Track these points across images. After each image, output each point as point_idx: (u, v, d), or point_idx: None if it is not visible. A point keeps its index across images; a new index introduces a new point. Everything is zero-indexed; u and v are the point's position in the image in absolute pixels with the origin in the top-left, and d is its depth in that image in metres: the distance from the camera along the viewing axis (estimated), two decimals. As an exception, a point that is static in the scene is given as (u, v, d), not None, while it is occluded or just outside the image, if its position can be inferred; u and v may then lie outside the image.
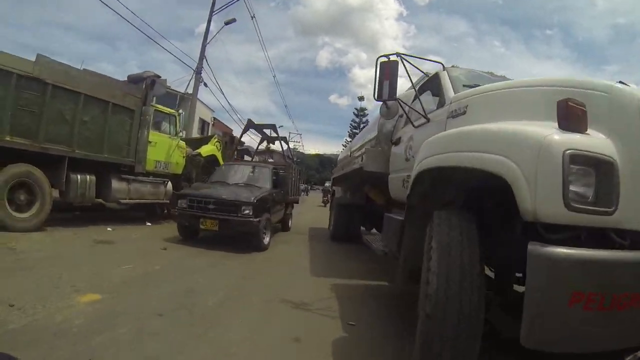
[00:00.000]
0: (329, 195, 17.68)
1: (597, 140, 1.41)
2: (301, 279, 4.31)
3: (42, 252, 4.17)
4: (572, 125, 1.40)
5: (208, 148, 8.86)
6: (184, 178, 8.18)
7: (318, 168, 63.31)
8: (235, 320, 2.80)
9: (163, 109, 7.56)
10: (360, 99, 54.95)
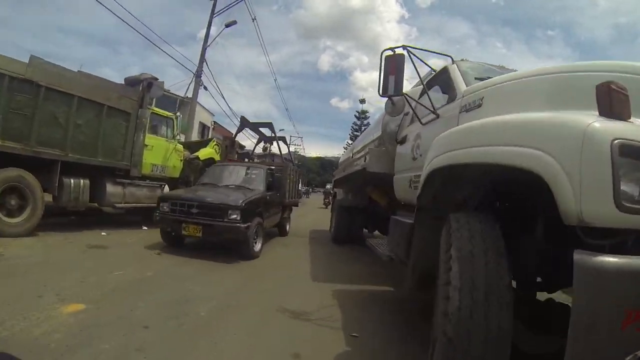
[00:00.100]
0: (330, 198, 17.94)
1: None
2: (301, 285, 4.10)
3: (31, 258, 4.00)
4: (614, 111, 1.18)
5: (206, 151, 8.69)
6: (182, 182, 8.00)
7: (319, 171, 63.26)
8: (229, 333, 2.58)
9: (160, 111, 7.42)
10: (362, 102, 54.71)
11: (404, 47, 2.85)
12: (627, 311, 0.98)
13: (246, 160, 11.52)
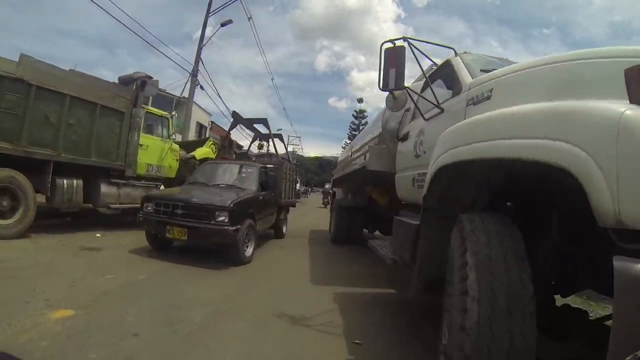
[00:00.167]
0: (329, 197, 18.00)
1: None
2: (301, 288, 3.97)
3: (21, 260, 3.86)
4: None
5: (203, 151, 8.56)
6: (178, 182, 7.84)
7: (317, 171, 63.17)
8: (224, 341, 2.45)
9: (155, 111, 7.28)
10: (360, 101, 54.69)
11: (404, 39, 2.73)
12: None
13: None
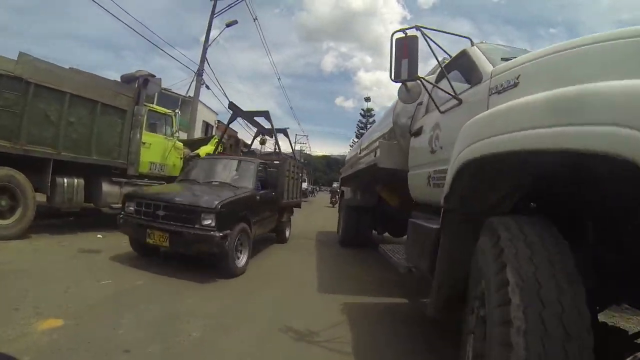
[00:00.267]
0: (337, 196, 17.85)
1: None
2: (307, 298, 3.71)
3: (16, 263, 3.72)
4: None
5: (207, 149, 8.38)
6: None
7: (325, 169, 62.97)
8: (224, 358, 2.24)
9: (158, 108, 7.13)
10: (367, 100, 54.47)
11: (416, 28, 2.52)
12: None
13: None
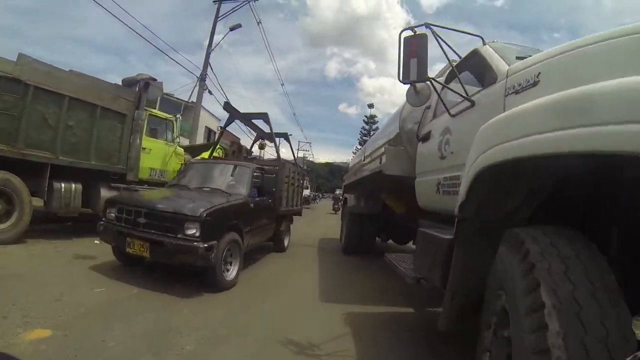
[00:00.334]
0: (339, 203, 17.73)
1: None
2: (308, 308, 3.56)
3: (9, 268, 3.60)
4: None
5: (208, 155, 8.27)
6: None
7: (328, 176, 62.86)
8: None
9: (159, 113, 7.07)
10: (370, 107, 54.37)
11: (426, 26, 2.41)
12: None
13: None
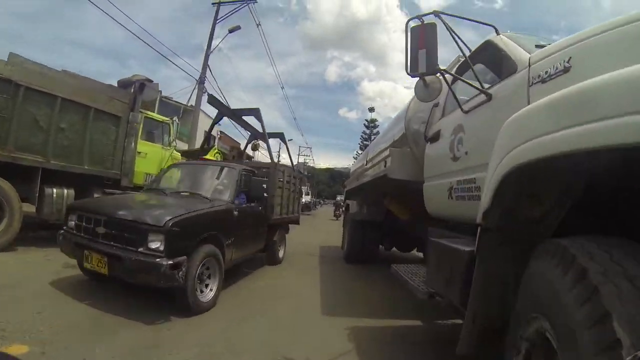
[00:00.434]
0: (341, 209, 17.49)
1: None
2: (310, 322, 3.31)
3: (-7, 278, 3.38)
4: None
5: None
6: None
7: (329, 182, 62.70)
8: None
9: (155, 116, 6.89)
10: (371, 110, 54.51)
11: (435, 14, 2.24)
12: None
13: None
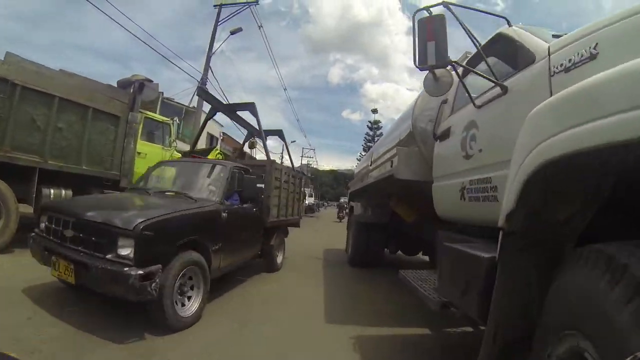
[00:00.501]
0: (344, 211, 17.33)
1: None
2: (313, 330, 3.14)
3: (-16, 283, 3.26)
4: None
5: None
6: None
7: (332, 184, 62.55)
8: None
9: (155, 116, 6.80)
10: (374, 112, 54.59)
11: (444, 5, 2.11)
12: None
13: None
